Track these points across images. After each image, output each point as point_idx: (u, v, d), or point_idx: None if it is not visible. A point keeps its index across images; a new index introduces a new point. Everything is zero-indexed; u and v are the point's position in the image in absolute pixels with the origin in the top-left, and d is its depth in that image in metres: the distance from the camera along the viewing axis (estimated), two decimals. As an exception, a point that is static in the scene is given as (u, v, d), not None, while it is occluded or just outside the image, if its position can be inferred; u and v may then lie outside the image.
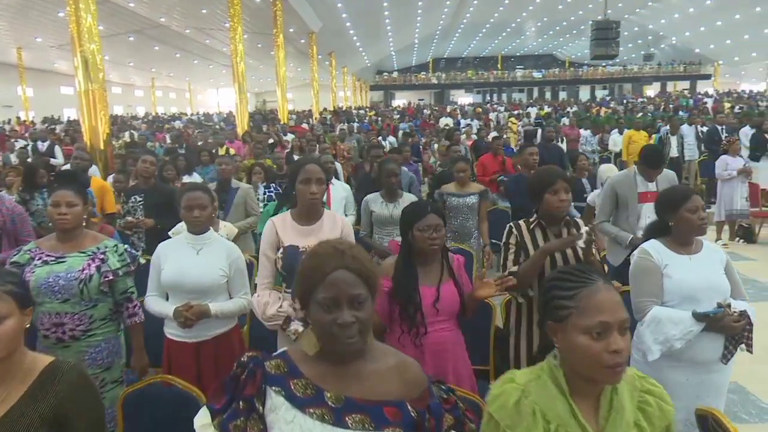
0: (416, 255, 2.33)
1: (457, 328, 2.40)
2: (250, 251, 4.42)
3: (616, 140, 11.06)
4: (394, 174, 3.95)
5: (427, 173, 7.18)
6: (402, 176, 5.48)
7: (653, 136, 10.94)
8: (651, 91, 44.40)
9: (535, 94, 47.76)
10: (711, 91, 37.74)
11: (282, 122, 18.53)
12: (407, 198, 4.01)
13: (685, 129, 10.67)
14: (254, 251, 4.52)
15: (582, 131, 11.81)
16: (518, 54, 53.14)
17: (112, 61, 27.82)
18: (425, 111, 28.45)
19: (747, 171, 7.19)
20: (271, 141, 11.41)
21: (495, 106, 30.51)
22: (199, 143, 10.78)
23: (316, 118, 23.37)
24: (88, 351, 2.51)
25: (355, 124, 19.28)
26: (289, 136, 12.57)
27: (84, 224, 2.58)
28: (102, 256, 2.52)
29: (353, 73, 40.83)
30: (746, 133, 10.08)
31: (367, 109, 32.57)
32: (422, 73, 48.28)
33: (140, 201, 4.61)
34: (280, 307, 2.37)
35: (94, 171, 6.80)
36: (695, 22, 36.71)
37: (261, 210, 5.41)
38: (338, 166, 6.95)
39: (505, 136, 12.52)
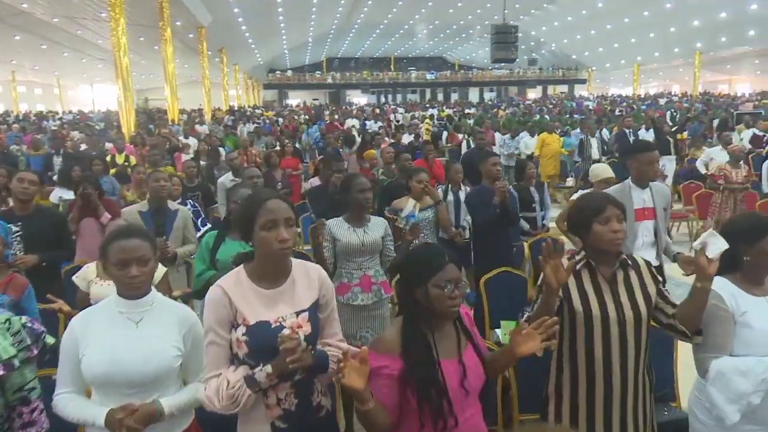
0: (427, 319, 1.73)
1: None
2: (182, 289, 3.60)
3: (528, 143, 11.17)
4: (368, 189, 3.27)
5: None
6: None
7: (561, 138, 11.22)
8: (532, 93, 47.12)
9: (428, 95, 48.79)
10: (585, 94, 40.83)
11: (175, 123, 17.00)
12: (376, 222, 3.37)
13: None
14: (187, 286, 3.72)
15: (496, 134, 11.85)
16: (410, 56, 54.03)
17: (-39, 51, 24.17)
18: (325, 111, 27.79)
19: (663, 175, 7.42)
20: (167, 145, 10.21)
21: (393, 107, 30.56)
22: (82, 147, 9.35)
23: (209, 120, 21.84)
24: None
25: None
26: (191, 140, 11.34)
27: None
28: (-16, 340, 1.69)
29: (245, 71, 39.06)
30: (642, 135, 10.63)
31: (263, 109, 31.24)
32: (317, 72, 47.44)
33: (17, 231, 3.60)
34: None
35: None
36: (572, 31, 39.49)
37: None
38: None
39: (421, 139, 12.29)
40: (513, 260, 4.34)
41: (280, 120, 21.44)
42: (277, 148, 9.20)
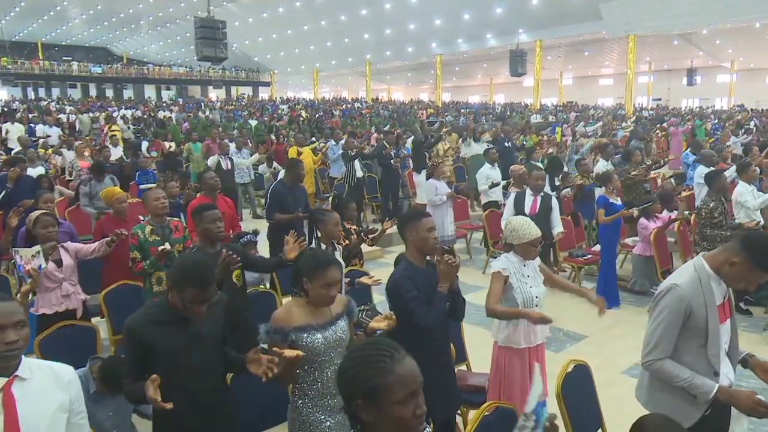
0: None
1: None
2: None
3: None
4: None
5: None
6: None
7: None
8: (213, 94, 44.96)
9: (93, 91, 41.70)
10: (266, 97, 41.04)
11: None
12: None
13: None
14: None
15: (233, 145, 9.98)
16: (64, 43, 45.51)
17: None
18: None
19: (454, 195, 7.13)
20: None
21: (54, 104, 24.72)
22: None
23: None
24: None
25: None
26: None
27: None
28: None
29: None
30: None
31: None
32: None
33: None
34: None
35: None
36: (254, 33, 39.09)
37: None
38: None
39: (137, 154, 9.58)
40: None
41: None
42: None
